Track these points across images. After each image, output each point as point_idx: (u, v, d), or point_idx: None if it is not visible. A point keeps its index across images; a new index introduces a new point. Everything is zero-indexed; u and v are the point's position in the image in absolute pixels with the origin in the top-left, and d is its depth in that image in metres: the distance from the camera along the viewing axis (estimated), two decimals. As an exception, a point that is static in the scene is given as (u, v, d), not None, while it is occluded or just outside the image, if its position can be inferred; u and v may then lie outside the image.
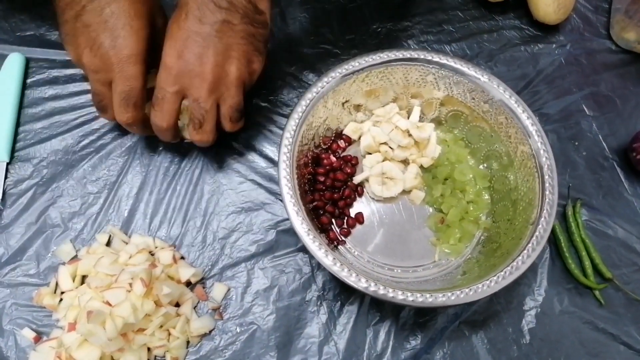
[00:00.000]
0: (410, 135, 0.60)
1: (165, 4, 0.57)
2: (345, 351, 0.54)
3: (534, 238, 0.50)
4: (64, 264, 0.55)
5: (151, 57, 0.52)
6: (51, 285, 0.54)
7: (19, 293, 0.54)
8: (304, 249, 0.57)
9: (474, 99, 0.59)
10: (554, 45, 0.74)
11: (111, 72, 0.50)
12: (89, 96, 0.64)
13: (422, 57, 0.58)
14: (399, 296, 0.46)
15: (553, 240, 0.61)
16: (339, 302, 0.56)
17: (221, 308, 0.55)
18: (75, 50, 0.51)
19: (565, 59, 0.73)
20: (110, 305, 0.48)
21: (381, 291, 0.46)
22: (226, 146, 0.62)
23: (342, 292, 0.56)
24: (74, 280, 0.53)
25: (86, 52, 0.50)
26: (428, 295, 0.47)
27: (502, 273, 0.49)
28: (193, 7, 0.49)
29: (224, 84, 0.52)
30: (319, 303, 0.55)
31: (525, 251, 0.50)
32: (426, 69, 0.59)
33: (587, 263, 0.59)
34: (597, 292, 0.58)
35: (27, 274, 0.55)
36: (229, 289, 0.55)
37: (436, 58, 0.58)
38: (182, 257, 0.57)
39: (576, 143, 0.67)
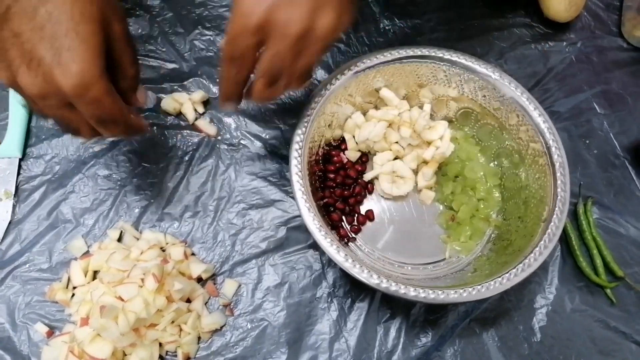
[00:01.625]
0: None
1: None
2: (356, 348, 0.54)
3: (546, 235, 0.50)
4: (75, 259, 0.55)
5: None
6: (63, 280, 0.54)
7: (31, 288, 0.54)
8: (314, 246, 0.57)
9: (484, 96, 0.59)
10: (565, 43, 0.74)
11: (65, 96, 0.38)
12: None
13: (432, 54, 0.58)
14: (411, 293, 0.46)
15: (564, 238, 0.60)
16: (350, 299, 0.56)
17: (232, 304, 0.55)
18: (7, 69, 0.38)
19: (576, 56, 0.73)
20: (122, 300, 0.48)
21: (393, 288, 0.46)
22: (237, 143, 0.63)
23: (353, 289, 0.56)
24: (85, 276, 0.54)
25: (22, 71, 0.37)
26: (440, 292, 0.47)
27: (514, 270, 0.49)
28: None
29: (310, 37, 0.41)
30: (329, 300, 0.55)
31: (537, 248, 0.50)
32: (437, 66, 0.59)
33: (599, 261, 0.59)
34: (608, 291, 0.58)
35: (39, 268, 0.55)
36: (239, 285, 0.56)
37: (447, 55, 0.58)
38: (193, 254, 0.57)
39: (587, 141, 0.67)
